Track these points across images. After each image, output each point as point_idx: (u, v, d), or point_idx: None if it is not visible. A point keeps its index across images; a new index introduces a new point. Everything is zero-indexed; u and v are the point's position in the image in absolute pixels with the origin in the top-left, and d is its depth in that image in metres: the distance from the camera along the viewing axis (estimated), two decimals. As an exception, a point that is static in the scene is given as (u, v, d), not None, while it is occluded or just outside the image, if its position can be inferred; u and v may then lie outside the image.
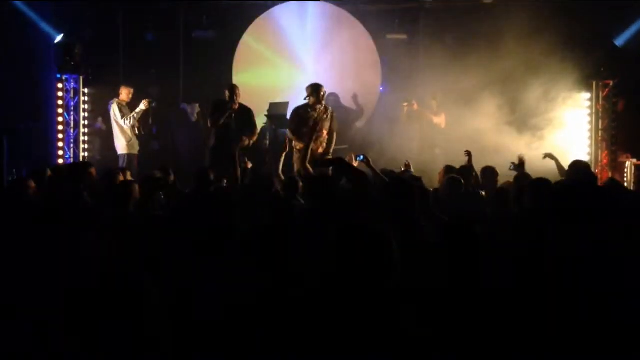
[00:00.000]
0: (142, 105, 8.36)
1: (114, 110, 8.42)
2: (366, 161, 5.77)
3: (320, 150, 7.69)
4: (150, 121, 8.84)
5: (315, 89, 7.70)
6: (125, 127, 8.37)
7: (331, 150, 7.92)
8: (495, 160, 6.83)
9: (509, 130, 8.63)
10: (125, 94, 8.54)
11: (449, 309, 2.49)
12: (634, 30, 8.95)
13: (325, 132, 7.84)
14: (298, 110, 7.96)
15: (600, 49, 9.13)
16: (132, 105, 8.66)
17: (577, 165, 5.63)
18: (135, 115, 8.37)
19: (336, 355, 1.73)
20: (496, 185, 5.68)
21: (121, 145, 8.44)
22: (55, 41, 8.85)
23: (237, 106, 7.59)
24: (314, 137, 7.30)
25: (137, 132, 8.57)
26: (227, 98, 7.62)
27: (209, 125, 7.70)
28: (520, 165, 6.31)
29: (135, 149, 8.53)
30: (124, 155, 8.39)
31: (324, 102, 7.75)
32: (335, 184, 4.64)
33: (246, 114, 7.81)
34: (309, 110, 7.66)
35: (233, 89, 7.69)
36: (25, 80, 8.57)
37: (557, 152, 7.03)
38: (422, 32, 9.89)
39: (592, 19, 8.92)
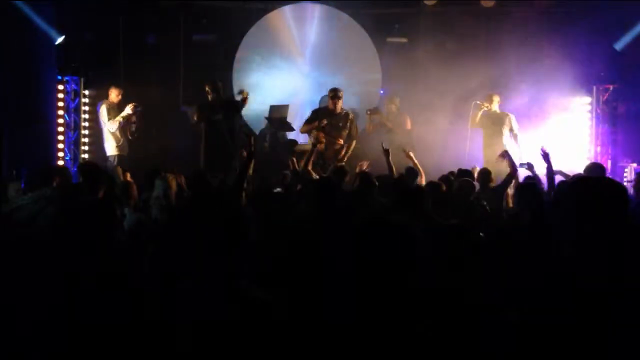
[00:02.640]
0: (128, 109, 8.41)
1: (102, 111, 8.50)
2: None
3: (332, 154, 7.80)
4: (134, 128, 8.78)
5: (334, 94, 7.97)
6: (111, 130, 8.43)
7: (346, 158, 8.03)
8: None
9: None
10: (114, 95, 8.61)
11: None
12: (633, 35, 8.93)
13: (341, 140, 7.97)
14: (317, 112, 8.03)
15: (601, 53, 9.12)
16: (124, 106, 8.70)
17: (592, 167, 5.77)
18: (120, 119, 8.40)
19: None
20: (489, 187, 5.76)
21: (110, 147, 8.52)
22: (56, 43, 8.86)
23: (222, 97, 7.70)
24: (324, 141, 7.45)
25: (129, 134, 8.63)
26: (210, 93, 7.69)
27: (195, 119, 7.81)
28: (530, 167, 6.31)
29: (125, 151, 8.59)
30: (113, 156, 8.46)
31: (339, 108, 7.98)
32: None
33: (233, 104, 7.92)
34: (326, 114, 7.87)
35: (214, 83, 7.79)
36: (26, 82, 8.57)
37: (557, 156, 7.02)
38: (422, 35, 9.89)
39: (592, 22, 8.92)
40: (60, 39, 8.85)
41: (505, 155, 6.33)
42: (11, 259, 3.14)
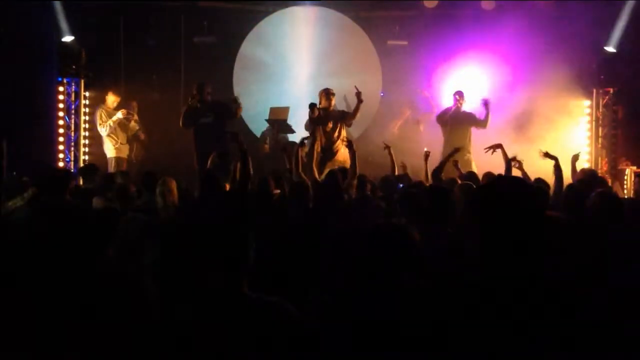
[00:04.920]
0: (120, 114, 8.56)
1: (97, 116, 8.66)
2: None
3: (341, 155, 7.69)
4: (139, 133, 8.88)
5: (326, 94, 7.89)
6: (102, 133, 8.58)
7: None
8: (493, 167, 6.83)
9: (508, 137, 8.62)
10: (110, 100, 8.74)
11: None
12: (620, 33, 8.96)
13: (339, 136, 7.88)
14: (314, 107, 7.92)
15: (601, 56, 9.15)
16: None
17: (584, 172, 5.82)
18: (110, 123, 8.53)
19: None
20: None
21: (109, 149, 8.65)
22: (57, 44, 8.85)
23: (197, 100, 7.62)
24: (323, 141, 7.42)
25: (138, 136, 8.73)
26: (197, 96, 7.68)
27: (180, 125, 7.81)
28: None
29: (124, 153, 8.69)
30: (112, 158, 8.56)
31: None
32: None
33: (221, 107, 7.85)
34: (321, 114, 7.76)
35: (201, 86, 7.75)
36: (26, 83, 8.57)
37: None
38: (422, 38, 9.91)
39: (593, 25, 8.95)
40: (61, 41, 8.84)
41: (499, 147, 6.33)
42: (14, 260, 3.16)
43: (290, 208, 4.26)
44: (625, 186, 8.61)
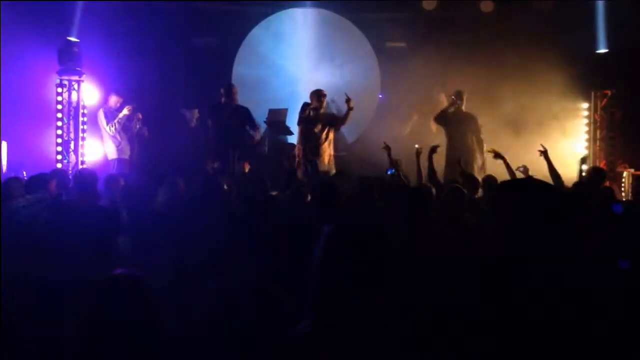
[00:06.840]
0: (126, 110, 8.54)
1: (101, 116, 8.62)
2: (396, 174, 5.93)
3: (328, 155, 7.78)
4: (140, 129, 8.85)
5: (317, 95, 7.92)
6: (110, 133, 8.53)
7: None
8: (494, 169, 6.85)
9: (507, 139, 8.65)
10: (112, 101, 8.73)
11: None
12: (602, 33, 9.01)
13: (330, 136, 7.98)
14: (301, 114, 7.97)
15: (599, 58, 9.18)
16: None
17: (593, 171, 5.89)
18: (117, 122, 8.51)
19: None
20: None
21: (111, 151, 8.60)
22: (56, 45, 8.85)
23: (235, 102, 7.64)
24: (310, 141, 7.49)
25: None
26: (224, 97, 7.65)
27: (210, 126, 7.77)
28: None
29: (126, 154, 8.65)
30: (114, 160, 8.50)
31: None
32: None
33: (245, 113, 7.88)
34: (311, 114, 7.83)
35: (230, 87, 7.75)
36: (25, 83, 8.57)
37: (555, 161, 7.05)
38: (421, 40, 9.92)
39: (589, 27, 8.99)
40: (60, 41, 8.83)
41: (500, 157, 6.36)
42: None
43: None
44: (623, 189, 8.64)
